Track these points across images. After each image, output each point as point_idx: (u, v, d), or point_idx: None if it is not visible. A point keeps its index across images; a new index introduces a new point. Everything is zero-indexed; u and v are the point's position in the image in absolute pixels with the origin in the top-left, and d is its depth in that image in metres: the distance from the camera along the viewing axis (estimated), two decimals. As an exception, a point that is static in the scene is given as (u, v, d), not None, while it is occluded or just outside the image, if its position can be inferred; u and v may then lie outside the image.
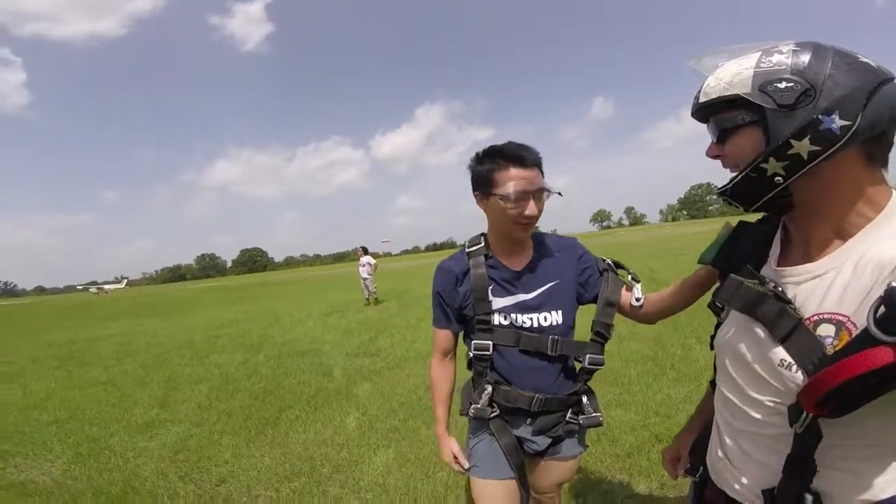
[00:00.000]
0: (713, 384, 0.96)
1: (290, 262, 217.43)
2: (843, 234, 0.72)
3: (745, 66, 0.72)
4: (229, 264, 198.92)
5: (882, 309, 0.57)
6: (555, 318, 1.38)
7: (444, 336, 1.50)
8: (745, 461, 0.82)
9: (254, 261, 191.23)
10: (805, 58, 0.68)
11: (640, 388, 3.86)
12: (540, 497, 1.55)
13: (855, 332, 0.64)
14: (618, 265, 1.47)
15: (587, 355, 1.40)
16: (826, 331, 0.67)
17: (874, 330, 0.56)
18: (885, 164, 0.71)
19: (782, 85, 0.67)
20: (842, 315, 0.67)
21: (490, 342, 1.38)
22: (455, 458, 1.50)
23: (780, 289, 0.75)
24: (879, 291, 0.58)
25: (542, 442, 1.43)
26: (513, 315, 1.38)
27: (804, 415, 0.66)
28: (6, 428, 4.52)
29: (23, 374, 7.30)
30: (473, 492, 1.46)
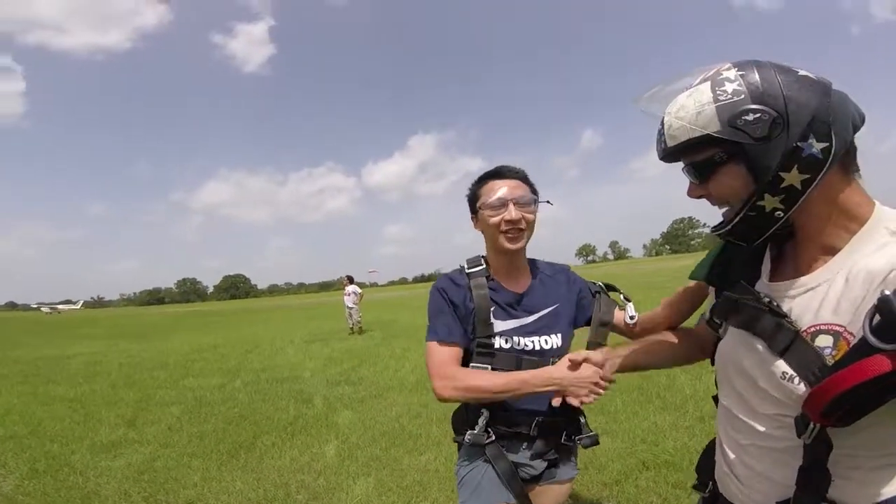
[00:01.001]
0: (716, 399, 0.95)
1: (273, 290, 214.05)
2: (832, 249, 0.73)
3: (702, 101, 0.70)
4: (211, 289, 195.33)
5: (877, 317, 0.57)
6: (555, 340, 1.37)
7: (455, 353, 1.33)
8: (750, 476, 0.81)
9: (236, 287, 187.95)
10: (754, 79, 0.68)
11: (627, 416, 3.85)
12: None
13: (853, 342, 0.65)
14: (609, 287, 1.50)
15: None
16: (824, 342, 0.68)
17: (871, 338, 0.57)
18: (857, 169, 0.73)
19: (750, 117, 0.66)
20: (838, 325, 0.68)
21: (489, 366, 1.33)
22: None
23: (775, 303, 0.75)
24: (872, 300, 0.59)
25: (539, 466, 1.38)
26: (515, 338, 1.35)
27: (812, 426, 0.66)
28: (-41, 442, 4.23)
29: (-17, 388, 6.93)
30: None
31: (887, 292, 0.56)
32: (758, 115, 0.66)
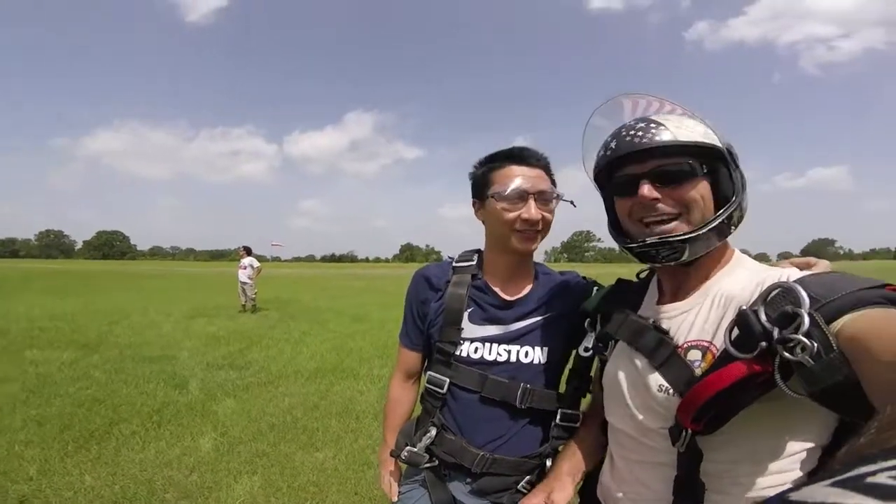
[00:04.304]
0: (604, 423, 0.98)
1: (156, 253, 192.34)
2: (705, 279, 0.85)
3: (704, 127, 0.80)
4: (79, 245, 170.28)
5: (735, 330, 0.68)
6: (536, 355, 1.14)
7: (409, 357, 1.29)
8: (641, 490, 0.85)
9: (111, 246, 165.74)
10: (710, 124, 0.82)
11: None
12: None
13: (718, 354, 0.74)
14: None
15: (559, 409, 1.14)
16: (694, 356, 0.77)
17: (731, 349, 0.67)
18: None
19: (733, 149, 0.81)
20: (705, 341, 0.77)
21: (447, 379, 1.15)
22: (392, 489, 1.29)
23: (658, 323, 0.85)
24: (731, 318, 0.70)
25: None
26: (487, 345, 1.14)
27: (684, 433, 0.73)
28: None
29: None
30: None
31: (744, 307, 0.67)
32: (732, 148, 0.80)
